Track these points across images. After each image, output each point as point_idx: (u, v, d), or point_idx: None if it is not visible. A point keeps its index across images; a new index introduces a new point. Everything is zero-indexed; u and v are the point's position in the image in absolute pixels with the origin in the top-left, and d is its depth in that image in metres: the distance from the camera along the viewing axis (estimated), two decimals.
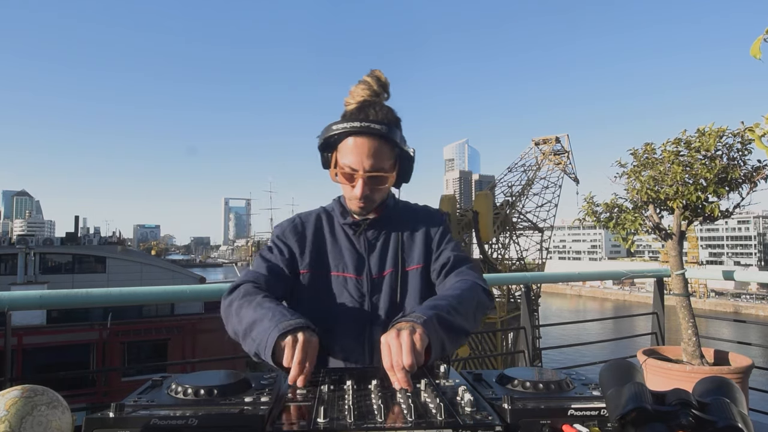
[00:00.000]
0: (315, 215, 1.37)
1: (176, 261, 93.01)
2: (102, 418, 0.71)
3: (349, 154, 1.21)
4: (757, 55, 1.57)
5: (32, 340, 14.36)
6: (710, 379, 0.70)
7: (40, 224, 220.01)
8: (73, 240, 26.96)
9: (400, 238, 1.31)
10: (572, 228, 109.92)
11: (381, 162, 1.21)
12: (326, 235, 1.33)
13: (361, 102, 1.25)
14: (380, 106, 1.25)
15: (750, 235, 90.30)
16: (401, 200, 1.41)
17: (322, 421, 0.71)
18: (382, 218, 1.32)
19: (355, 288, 1.26)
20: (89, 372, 17.07)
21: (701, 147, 2.91)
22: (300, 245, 1.31)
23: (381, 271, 1.28)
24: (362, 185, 1.21)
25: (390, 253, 1.30)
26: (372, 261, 1.29)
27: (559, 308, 64.06)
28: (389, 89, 1.31)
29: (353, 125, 1.18)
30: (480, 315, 1.16)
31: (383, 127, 1.19)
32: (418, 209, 1.40)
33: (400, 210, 1.37)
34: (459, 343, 1.06)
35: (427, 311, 0.99)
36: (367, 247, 1.30)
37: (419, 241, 1.32)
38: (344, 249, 1.30)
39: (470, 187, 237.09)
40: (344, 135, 1.21)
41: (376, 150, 1.20)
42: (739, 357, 2.98)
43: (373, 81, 1.27)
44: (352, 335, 1.23)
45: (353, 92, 1.28)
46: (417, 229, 1.33)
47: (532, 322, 3.20)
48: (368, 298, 1.25)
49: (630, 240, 3.25)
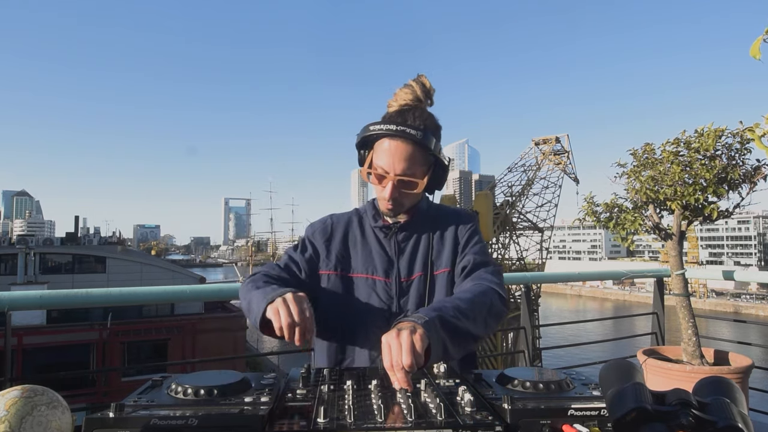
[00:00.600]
0: (347, 217, 1.39)
1: (176, 261, 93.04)
2: (102, 418, 0.71)
3: (382, 156, 1.22)
4: (756, 56, 1.57)
5: (32, 340, 14.37)
6: (710, 379, 0.70)
7: (40, 224, 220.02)
8: (73, 240, 26.97)
9: (430, 241, 1.32)
10: (572, 228, 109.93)
11: (413, 167, 1.22)
12: (357, 237, 1.34)
13: (402, 105, 1.27)
14: (420, 112, 1.26)
15: (750, 235, 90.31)
16: (433, 203, 1.41)
17: (322, 421, 0.71)
18: (413, 222, 1.33)
19: (384, 291, 1.27)
20: (89, 372, 17.08)
21: (701, 147, 2.91)
22: (327, 246, 1.33)
23: (410, 275, 1.29)
24: (391, 188, 1.22)
25: (419, 257, 1.30)
26: (401, 264, 1.29)
27: (559, 308, 64.06)
28: (433, 96, 1.31)
29: (389, 128, 1.19)
30: (492, 320, 1.13)
31: (419, 133, 1.19)
32: (449, 211, 1.40)
33: (431, 213, 1.37)
34: (465, 346, 1.05)
35: (430, 312, 0.99)
36: (397, 250, 1.31)
37: (448, 244, 1.32)
38: (374, 251, 1.31)
39: (470, 187, 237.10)
40: (380, 136, 1.22)
41: (409, 155, 1.21)
42: (739, 357, 2.98)
43: (417, 86, 1.28)
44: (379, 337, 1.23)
45: (397, 95, 1.29)
46: (446, 233, 1.33)
47: (532, 322, 3.20)
48: (396, 301, 1.26)
49: (630, 240, 3.25)
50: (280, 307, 0.98)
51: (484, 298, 1.13)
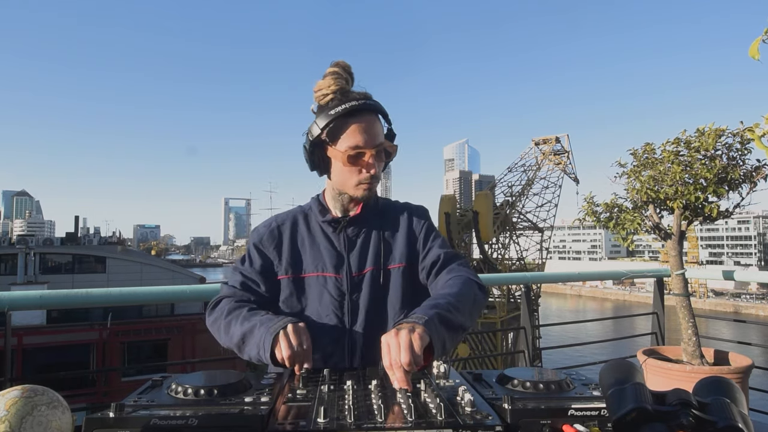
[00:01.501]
0: (292, 216, 1.34)
1: (176, 261, 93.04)
2: (102, 418, 0.71)
3: (353, 135, 1.18)
4: (755, 56, 1.57)
5: (32, 340, 14.36)
6: (710, 379, 0.70)
7: (40, 224, 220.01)
8: (73, 240, 26.96)
9: (381, 235, 1.29)
10: (572, 228, 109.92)
11: (382, 137, 1.23)
12: (304, 236, 1.30)
13: (339, 90, 1.21)
14: (356, 90, 1.23)
15: (750, 235, 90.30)
16: (382, 197, 1.38)
17: (322, 421, 0.71)
18: (362, 215, 1.29)
19: (335, 287, 1.23)
20: (89, 372, 17.06)
21: (701, 147, 2.92)
22: (278, 251, 1.28)
23: (361, 269, 1.25)
24: (375, 161, 1.20)
25: (371, 251, 1.27)
26: (352, 259, 1.26)
27: (559, 308, 64.06)
28: (354, 77, 1.28)
29: (353, 104, 1.16)
30: (476, 311, 1.15)
31: (377, 102, 1.21)
32: (399, 206, 1.37)
33: (381, 207, 1.34)
34: (459, 340, 1.07)
35: (427, 311, 0.99)
36: (347, 244, 1.27)
37: (402, 239, 1.29)
38: (323, 248, 1.27)
39: (470, 187, 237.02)
40: (342, 120, 1.18)
41: (377, 125, 1.21)
42: (739, 357, 2.98)
43: (341, 70, 1.23)
44: (333, 335, 1.21)
45: (323, 85, 1.22)
46: (399, 227, 1.31)
47: (532, 322, 3.20)
48: (348, 296, 1.23)
49: (630, 240, 3.25)
50: (282, 339, 1.01)
51: (468, 290, 1.14)
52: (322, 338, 1.19)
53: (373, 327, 1.20)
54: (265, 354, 1.02)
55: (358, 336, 1.21)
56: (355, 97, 1.18)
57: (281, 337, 1.02)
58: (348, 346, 1.21)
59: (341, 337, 1.21)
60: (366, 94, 1.21)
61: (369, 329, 1.21)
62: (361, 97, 1.19)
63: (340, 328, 1.22)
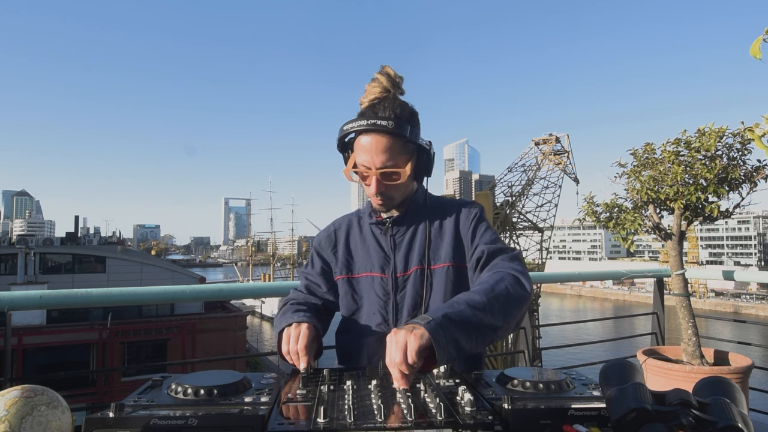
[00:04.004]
0: (347, 220, 1.41)
1: (176, 261, 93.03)
2: (102, 418, 0.71)
3: (361, 153, 1.21)
4: (757, 55, 1.57)
5: (32, 340, 14.36)
6: (710, 379, 0.70)
7: (40, 224, 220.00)
8: (73, 240, 26.95)
9: (427, 234, 1.29)
10: (572, 228, 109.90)
11: (393, 158, 1.20)
12: (356, 238, 1.36)
13: (372, 100, 1.25)
14: (390, 102, 1.24)
15: (750, 235, 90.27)
16: (432, 195, 1.38)
17: (322, 421, 0.71)
18: (408, 215, 1.32)
19: (381, 287, 1.27)
20: (89, 372, 17.08)
21: (701, 147, 2.91)
22: (334, 254, 1.36)
23: (406, 269, 1.28)
24: (376, 183, 1.22)
25: (416, 251, 1.29)
26: (398, 259, 1.29)
27: (559, 308, 64.06)
28: (402, 84, 1.29)
29: (360, 124, 1.19)
30: (512, 307, 1.06)
31: (390, 123, 1.18)
32: (448, 203, 1.36)
33: (429, 205, 1.35)
34: (485, 339, 0.99)
35: (436, 311, 0.96)
36: (393, 245, 1.30)
37: (448, 237, 1.29)
38: (371, 249, 1.32)
39: (470, 187, 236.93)
40: (356, 134, 1.22)
41: (385, 147, 1.19)
42: (739, 357, 2.98)
43: (383, 77, 1.26)
44: (378, 333, 1.24)
45: (367, 90, 1.27)
46: (446, 225, 1.31)
47: (532, 322, 3.20)
48: (393, 296, 1.26)
49: (630, 240, 3.25)
50: (283, 338, 1.13)
51: (500, 286, 1.07)
52: (369, 336, 1.24)
53: None
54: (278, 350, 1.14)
55: None
56: (370, 116, 1.20)
57: (283, 336, 1.13)
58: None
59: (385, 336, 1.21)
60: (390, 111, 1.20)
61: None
62: (376, 116, 1.19)
63: (385, 327, 1.25)
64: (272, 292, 2.40)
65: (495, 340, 1.03)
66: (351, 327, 1.30)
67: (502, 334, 1.04)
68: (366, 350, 1.25)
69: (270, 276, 56.13)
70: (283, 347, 1.11)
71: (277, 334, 1.15)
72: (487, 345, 1.06)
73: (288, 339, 1.10)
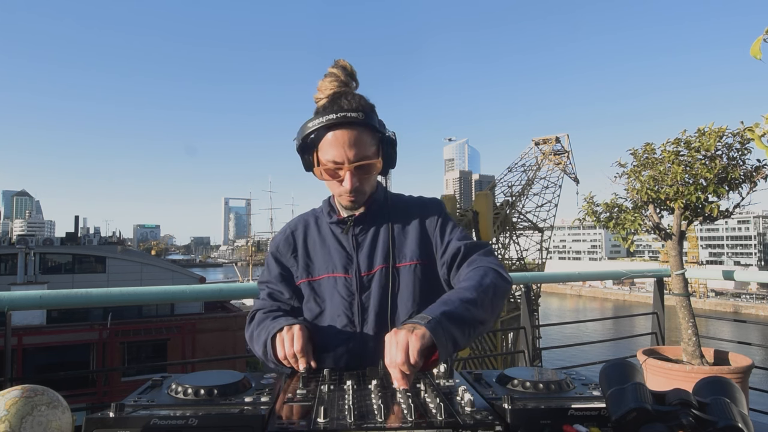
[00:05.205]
0: (303, 221, 1.35)
1: (176, 261, 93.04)
2: (102, 418, 0.71)
3: (330, 149, 1.15)
4: (757, 56, 1.57)
5: (32, 340, 14.36)
6: (710, 379, 0.70)
7: (40, 224, 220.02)
8: (73, 240, 26.96)
9: (390, 232, 1.26)
10: (572, 228, 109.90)
11: (365, 150, 1.17)
12: (315, 239, 1.30)
13: (331, 95, 1.20)
14: (352, 95, 1.20)
15: (750, 235, 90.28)
16: (393, 193, 1.34)
17: (322, 421, 0.71)
18: (369, 213, 1.27)
19: (345, 287, 1.23)
20: (89, 372, 17.06)
21: (701, 147, 2.91)
22: (294, 258, 1.30)
23: (370, 269, 1.24)
24: (350, 177, 1.17)
25: (380, 249, 1.25)
26: (361, 258, 1.24)
27: (559, 308, 64.05)
28: (357, 77, 1.26)
29: (329, 118, 1.13)
30: (498, 301, 1.09)
31: (360, 114, 1.14)
32: (411, 201, 1.33)
33: (390, 203, 1.31)
34: (477, 333, 1.00)
35: (434, 310, 0.96)
36: (355, 244, 1.26)
37: (413, 235, 1.26)
38: (332, 249, 1.27)
39: (470, 187, 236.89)
40: (322, 131, 1.16)
41: (357, 139, 1.15)
42: (739, 357, 2.98)
43: (339, 71, 1.22)
44: (343, 335, 1.21)
45: (321, 87, 1.22)
46: (410, 223, 1.28)
47: (532, 322, 3.20)
48: (358, 296, 1.22)
49: (630, 240, 3.25)
50: (278, 342, 1.09)
51: (486, 281, 1.08)
52: (333, 339, 1.20)
53: (384, 327, 1.19)
54: (271, 356, 1.10)
55: (369, 336, 1.20)
56: (338, 108, 1.15)
57: (277, 340, 1.09)
58: (358, 345, 1.20)
59: (351, 338, 1.21)
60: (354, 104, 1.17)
61: (379, 329, 1.19)
62: (343, 109, 1.14)
63: (350, 328, 1.21)
64: None
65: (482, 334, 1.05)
66: (316, 331, 1.22)
67: (488, 327, 1.07)
68: (333, 353, 1.20)
69: None
70: (279, 352, 1.06)
71: (269, 341, 1.09)
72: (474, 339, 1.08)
73: (282, 343, 1.06)
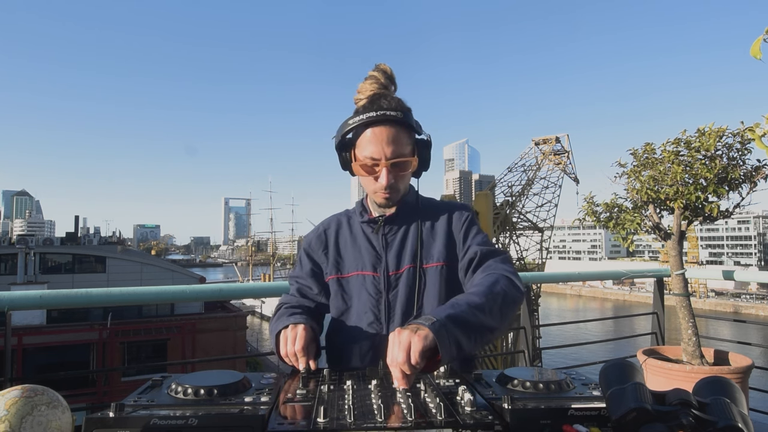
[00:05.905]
0: (336, 220, 1.40)
1: (176, 261, 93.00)
2: (102, 418, 0.71)
3: (368, 145, 1.21)
4: (757, 56, 1.56)
5: (32, 340, 14.36)
6: (710, 379, 0.70)
7: (40, 224, 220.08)
8: (73, 240, 26.94)
9: (419, 233, 1.30)
10: (572, 228, 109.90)
11: (402, 148, 1.22)
12: (346, 237, 1.35)
13: (371, 96, 1.26)
14: (391, 97, 1.25)
15: (750, 235, 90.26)
16: (423, 196, 1.39)
17: (322, 421, 0.71)
18: (400, 214, 1.31)
19: (373, 285, 1.27)
20: (89, 372, 17.08)
21: (701, 147, 2.91)
22: (326, 254, 1.35)
23: (398, 268, 1.27)
24: (387, 173, 1.21)
25: (408, 249, 1.28)
26: (390, 257, 1.28)
27: (559, 308, 64.05)
28: (396, 81, 1.31)
29: (369, 115, 1.19)
30: (508, 309, 1.08)
31: (399, 113, 1.20)
32: (440, 205, 1.37)
33: (420, 205, 1.35)
34: (483, 340, 1.00)
35: (439, 312, 0.96)
36: (385, 243, 1.30)
37: (440, 237, 1.29)
38: (362, 247, 1.31)
39: (470, 187, 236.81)
40: (361, 128, 1.21)
41: (394, 137, 1.20)
42: (739, 357, 2.98)
43: (379, 74, 1.28)
44: (370, 332, 1.24)
45: (361, 89, 1.28)
46: (438, 225, 1.31)
47: (532, 322, 3.20)
48: (385, 294, 1.25)
49: (630, 240, 3.25)
50: (281, 340, 1.12)
51: (497, 288, 1.08)
52: (360, 336, 1.24)
53: None
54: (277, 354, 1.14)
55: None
56: (378, 107, 1.20)
57: (281, 337, 1.12)
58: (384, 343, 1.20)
59: (377, 335, 1.23)
60: (393, 104, 1.22)
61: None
62: (383, 108, 1.20)
63: (377, 326, 1.24)
64: (272, 292, 2.40)
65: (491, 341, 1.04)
66: (342, 327, 1.28)
67: (497, 335, 1.06)
68: (359, 350, 1.24)
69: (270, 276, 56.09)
70: (281, 349, 1.11)
71: (274, 337, 1.15)
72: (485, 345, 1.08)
73: (286, 341, 1.09)
